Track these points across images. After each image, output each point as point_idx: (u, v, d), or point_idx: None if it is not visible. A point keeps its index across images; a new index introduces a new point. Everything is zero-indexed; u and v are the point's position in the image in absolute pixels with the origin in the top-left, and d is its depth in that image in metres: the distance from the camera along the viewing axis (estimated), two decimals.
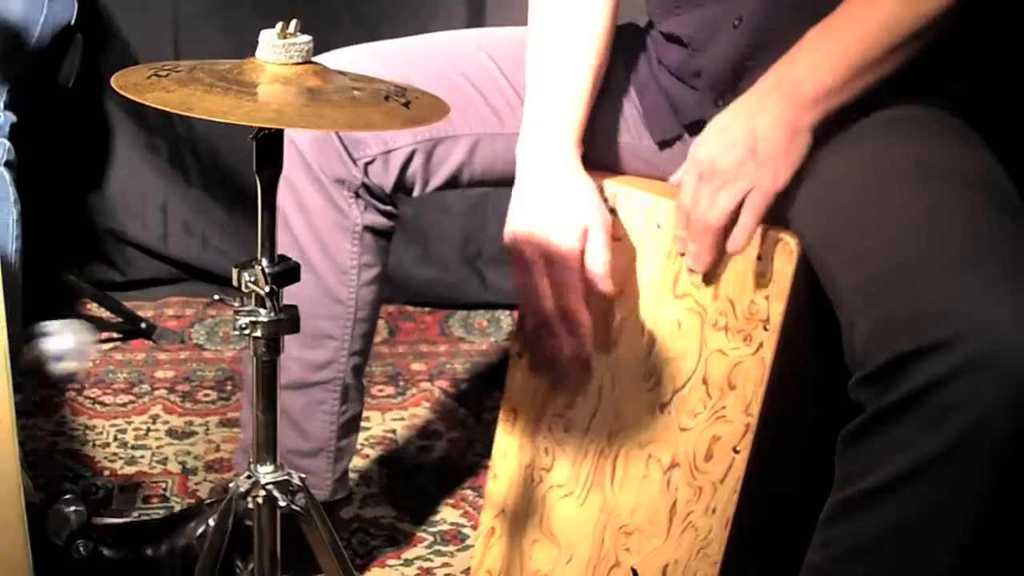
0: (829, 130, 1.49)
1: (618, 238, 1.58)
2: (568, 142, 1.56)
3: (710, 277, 1.55)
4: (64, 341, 1.67)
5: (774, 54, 1.51)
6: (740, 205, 1.47)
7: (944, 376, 1.25)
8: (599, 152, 1.65)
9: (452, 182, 1.71)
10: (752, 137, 1.46)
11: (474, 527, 2.01)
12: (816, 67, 1.47)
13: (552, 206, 1.53)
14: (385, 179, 1.67)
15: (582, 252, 1.52)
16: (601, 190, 1.58)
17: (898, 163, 1.46)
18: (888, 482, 1.32)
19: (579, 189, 1.54)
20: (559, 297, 1.54)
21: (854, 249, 1.41)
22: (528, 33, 1.62)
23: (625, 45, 1.69)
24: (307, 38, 1.22)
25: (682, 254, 1.55)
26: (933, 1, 1.45)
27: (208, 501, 1.86)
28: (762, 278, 1.51)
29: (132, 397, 2.38)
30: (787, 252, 1.49)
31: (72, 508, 1.70)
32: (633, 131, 1.68)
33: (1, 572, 1.49)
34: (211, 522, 1.35)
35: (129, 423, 2.29)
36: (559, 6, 1.60)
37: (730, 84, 1.59)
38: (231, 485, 1.34)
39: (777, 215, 1.50)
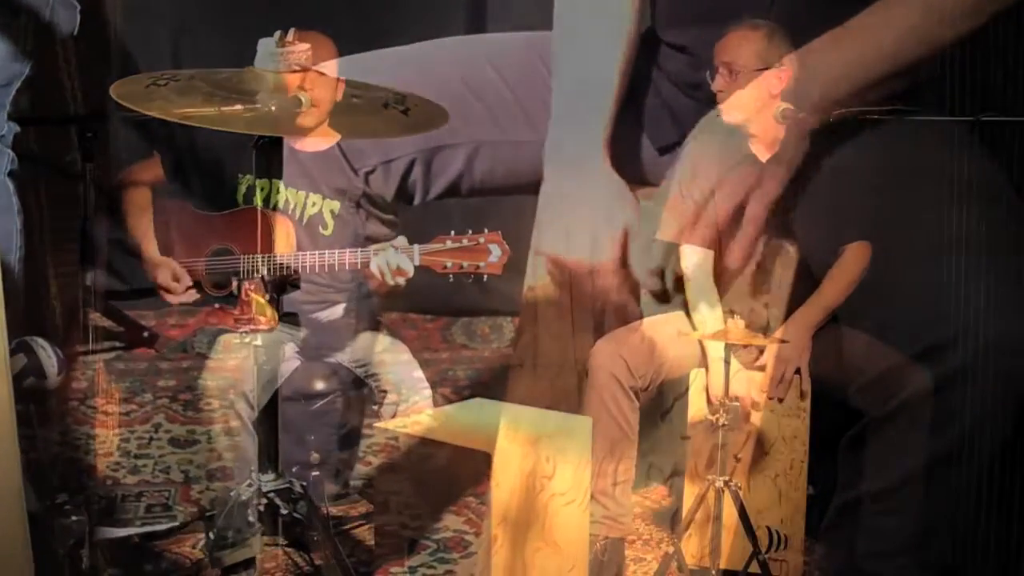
0: (829, 137, 1.49)
1: None
2: (600, 141, 1.55)
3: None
4: (31, 358, 1.67)
5: None
6: (739, 210, 1.47)
7: (942, 381, 1.26)
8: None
9: (452, 190, 1.71)
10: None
11: (477, 534, 2.00)
12: (822, 76, 1.47)
13: (591, 210, 1.52)
14: (386, 188, 1.67)
15: (622, 255, 1.51)
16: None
17: (896, 168, 1.46)
18: (890, 486, 1.32)
19: (616, 190, 1.53)
20: (596, 300, 1.52)
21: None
22: (553, 33, 1.61)
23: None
24: (305, 46, 1.22)
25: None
26: (946, 35, 1.45)
27: (208, 513, 1.86)
28: (761, 286, 1.51)
29: (135, 406, 2.38)
30: (786, 259, 1.49)
31: (74, 518, 1.70)
32: (632, 135, 1.68)
33: None
34: (211, 535, 1.35)
35: (132, 432, 2.29)
36: (585, 6, 1.59)
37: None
38: (232, 494, 1.34)
39: (779, 222, 1.50)
